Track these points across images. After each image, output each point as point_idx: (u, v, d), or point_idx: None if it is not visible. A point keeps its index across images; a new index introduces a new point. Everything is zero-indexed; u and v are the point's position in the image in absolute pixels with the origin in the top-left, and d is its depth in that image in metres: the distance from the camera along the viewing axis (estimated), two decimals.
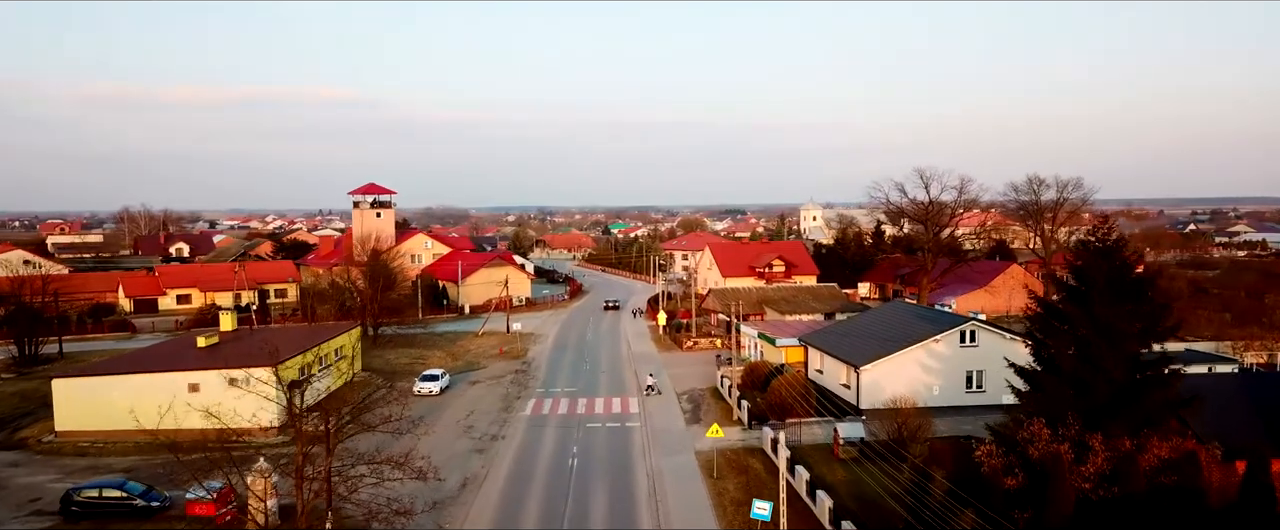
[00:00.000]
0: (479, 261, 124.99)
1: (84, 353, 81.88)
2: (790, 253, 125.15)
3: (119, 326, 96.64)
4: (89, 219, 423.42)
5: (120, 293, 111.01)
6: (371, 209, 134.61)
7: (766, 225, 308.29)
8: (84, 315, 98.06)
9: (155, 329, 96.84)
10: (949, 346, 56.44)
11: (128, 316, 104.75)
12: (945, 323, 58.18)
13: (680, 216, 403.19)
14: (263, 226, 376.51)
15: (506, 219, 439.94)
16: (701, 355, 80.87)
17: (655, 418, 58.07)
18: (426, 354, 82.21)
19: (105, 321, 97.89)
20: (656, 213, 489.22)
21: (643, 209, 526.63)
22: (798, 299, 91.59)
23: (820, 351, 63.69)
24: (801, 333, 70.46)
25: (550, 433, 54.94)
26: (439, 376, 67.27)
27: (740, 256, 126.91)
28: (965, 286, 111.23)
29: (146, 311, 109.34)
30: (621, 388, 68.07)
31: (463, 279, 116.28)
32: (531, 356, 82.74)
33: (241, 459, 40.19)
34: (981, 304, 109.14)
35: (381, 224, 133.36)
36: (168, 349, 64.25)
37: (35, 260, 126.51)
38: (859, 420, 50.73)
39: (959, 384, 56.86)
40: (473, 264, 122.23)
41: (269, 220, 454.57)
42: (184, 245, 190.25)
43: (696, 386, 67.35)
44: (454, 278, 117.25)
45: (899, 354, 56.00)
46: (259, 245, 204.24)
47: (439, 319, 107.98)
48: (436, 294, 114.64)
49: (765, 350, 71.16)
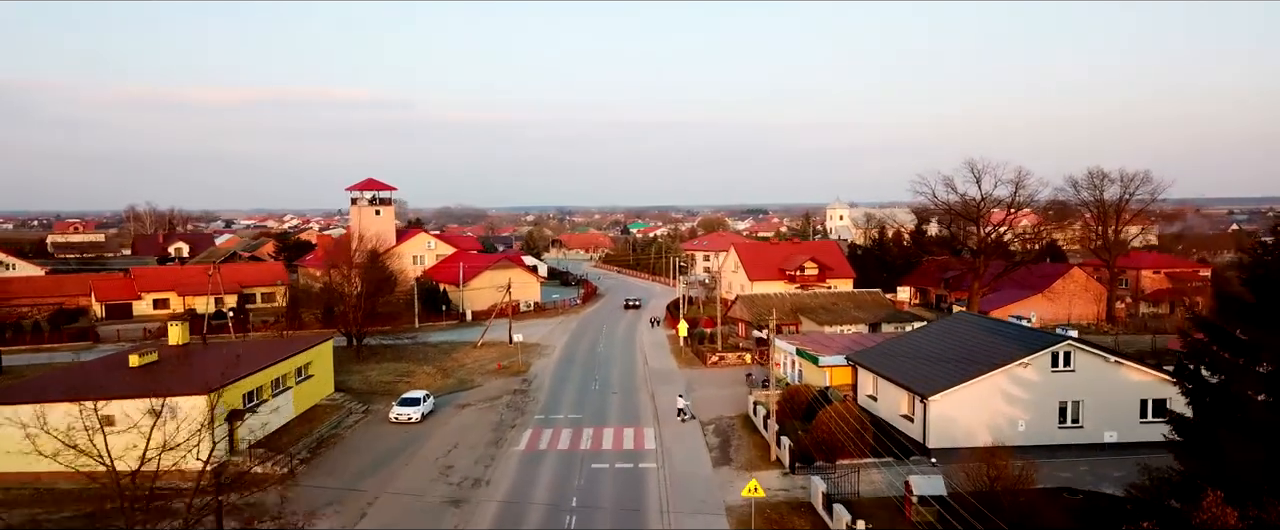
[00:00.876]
0: (483, 263, 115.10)
1: (27, 367, 72.59)
2: (823, 254, 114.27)
3: (81, 335, 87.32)
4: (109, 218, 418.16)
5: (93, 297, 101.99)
6: (371, 206, 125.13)
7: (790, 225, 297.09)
8: (42, 322, 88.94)
9: (120, 337, 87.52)
10: (1038, 372, 45.72)
11: (95, 323, 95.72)
12: (1031, 342, 47.39)
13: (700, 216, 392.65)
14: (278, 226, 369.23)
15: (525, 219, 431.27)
16: (728, 372, 70.43)
17: (675, 455, 47.77)
18: (414, 369, 72.19)
19: (65, 329, 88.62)
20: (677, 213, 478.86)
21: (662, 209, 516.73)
22: (837, 307, 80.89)
23: (873, 374, 53.08)
24: (846, 349, 59.90)
25: (546, 475, 44.78)
26: (420, 400, 57.18)
27: (768, 258, 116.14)
28: (1020, 292, 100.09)
29: (119, 317, 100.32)
30: (635, 415, 57.75)
31: (464, 282, 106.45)
32: (534, 372, 72.63)
33: (162, 511, 31.25)
34: (1039, 311, 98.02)
35: (381, 223, 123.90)
36: (93, 369, 54.58)
37: (9, 260, 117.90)
38: (937, 471, 40.14)
39: (1050, 418, 46.13)
40: (476, 266, 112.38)
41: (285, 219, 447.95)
42: (183, 245, 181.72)
43: (724, 413, 56.97)
44: (456, 281, 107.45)
45: (976, 381, 45.31)
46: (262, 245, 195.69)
47: (437, 327, 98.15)
48: (436, 299, 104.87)
49: (805, 370, 60.64)
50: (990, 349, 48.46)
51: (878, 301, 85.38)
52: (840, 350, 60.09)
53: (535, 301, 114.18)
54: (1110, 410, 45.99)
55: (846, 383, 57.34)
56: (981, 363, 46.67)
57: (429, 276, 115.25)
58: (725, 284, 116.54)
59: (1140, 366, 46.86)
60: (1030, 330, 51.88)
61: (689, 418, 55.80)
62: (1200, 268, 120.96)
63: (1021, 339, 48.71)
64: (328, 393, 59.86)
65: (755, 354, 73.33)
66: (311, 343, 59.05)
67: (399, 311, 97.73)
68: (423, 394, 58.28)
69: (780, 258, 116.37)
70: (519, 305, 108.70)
